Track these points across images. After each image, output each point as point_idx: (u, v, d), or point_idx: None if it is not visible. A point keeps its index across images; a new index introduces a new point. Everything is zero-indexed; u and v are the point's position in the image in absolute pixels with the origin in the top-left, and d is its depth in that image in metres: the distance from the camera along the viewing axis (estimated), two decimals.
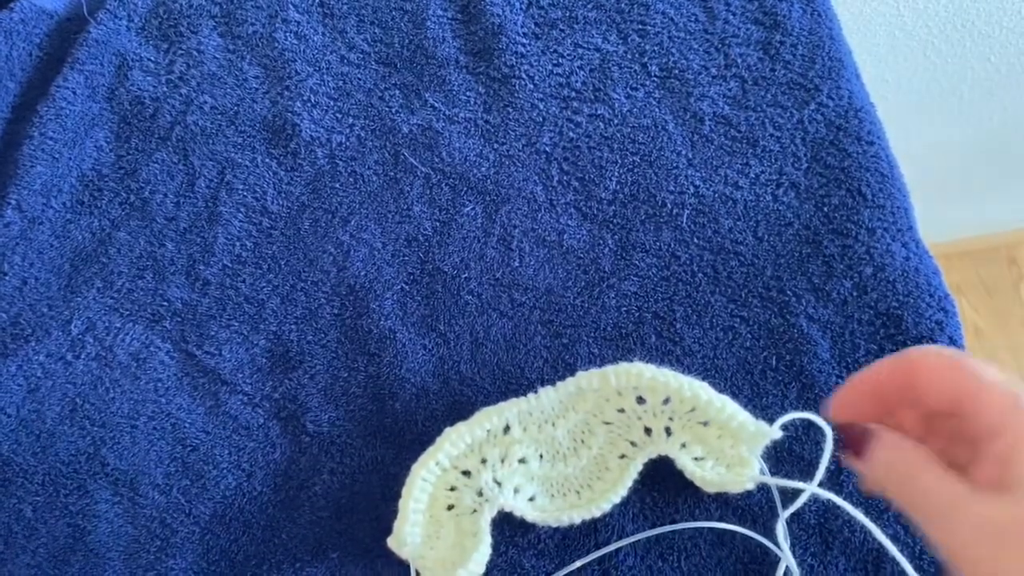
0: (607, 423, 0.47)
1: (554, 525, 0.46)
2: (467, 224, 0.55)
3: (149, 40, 0.67)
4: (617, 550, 0.45)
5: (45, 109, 0.64)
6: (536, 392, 0.46)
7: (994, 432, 0.31)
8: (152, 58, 0.66)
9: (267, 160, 0.60)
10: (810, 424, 0.46)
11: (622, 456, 0.47)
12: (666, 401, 0.45)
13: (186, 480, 0.51)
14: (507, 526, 0.47)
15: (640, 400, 0.46)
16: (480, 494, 0.46)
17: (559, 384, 0.46)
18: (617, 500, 0.46)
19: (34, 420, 0.53)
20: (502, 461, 0.46)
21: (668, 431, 0.46)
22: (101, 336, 0.55)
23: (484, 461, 0.46)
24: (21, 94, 0.66)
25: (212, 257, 0.57)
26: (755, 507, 0.45)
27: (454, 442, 0.46)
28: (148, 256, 0.58)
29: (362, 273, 0.55)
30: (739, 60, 0.57)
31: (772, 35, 0.58)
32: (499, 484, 0.46)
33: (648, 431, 0.46)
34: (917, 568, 0.42)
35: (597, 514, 0.46)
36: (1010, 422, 0.30)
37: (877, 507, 0.44)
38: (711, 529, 0.45)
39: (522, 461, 0.46)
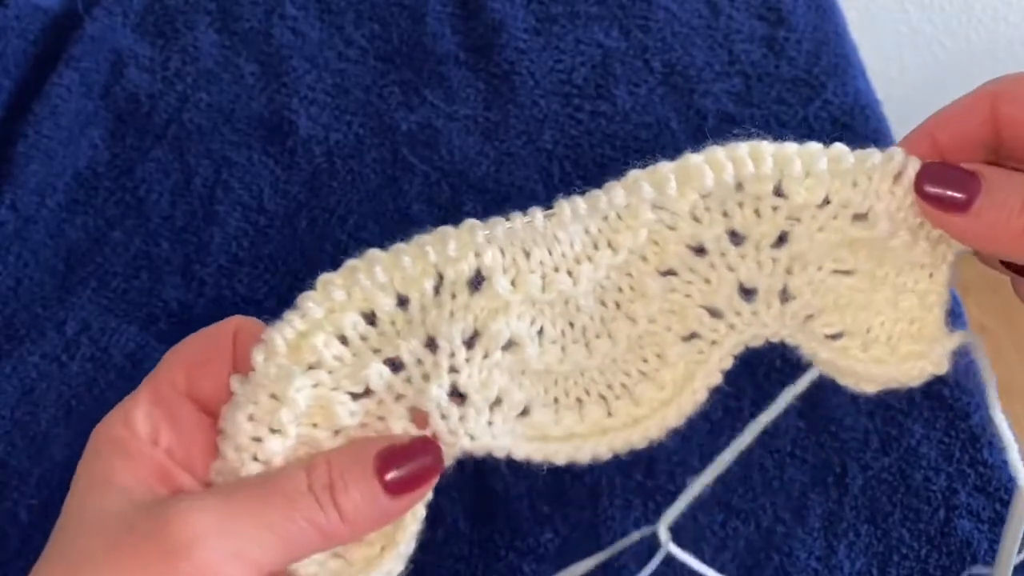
0: (667, 273, 0.27)
1: (560, 462, 0.27)
2: None
3: (145, 37, 0.67)
4: (620, 554, 0.44)
5: (40, 107, 0.63)
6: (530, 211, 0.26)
7: None
8: (148, 55, 0.66)
9: (264, 158, 0.60)
10: None
11: (690, 337, 0.27)
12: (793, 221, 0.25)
13: None
14: (503, 524, 0.46)
15: (735, 236, 0.26)
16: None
17: (590, 194, 0.27)
18: (677, 420, 0.27)
19: (29, 422, 0.53)
20: (469, 345, 0.25)
21: (784, 292, 0.26)
22: (96, 337, 0.55)
23: (432, 343, 0.25)
24: (15, 92, 0.66)
25: (208, 257, 0.57)
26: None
27: (360, 284, 0.24)
28: (143, 256, 0.57)
29: None
30: (743, 56, 0.57)
31: (776, 31, 0.57)
32: (462, 397, 0.25)
33: (747, 292, 0.26)
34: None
35: (640, 444, 0.27)
36: None
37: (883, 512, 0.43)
38: (713, 534, 0.44)
39: (507, 346, 0.25)
